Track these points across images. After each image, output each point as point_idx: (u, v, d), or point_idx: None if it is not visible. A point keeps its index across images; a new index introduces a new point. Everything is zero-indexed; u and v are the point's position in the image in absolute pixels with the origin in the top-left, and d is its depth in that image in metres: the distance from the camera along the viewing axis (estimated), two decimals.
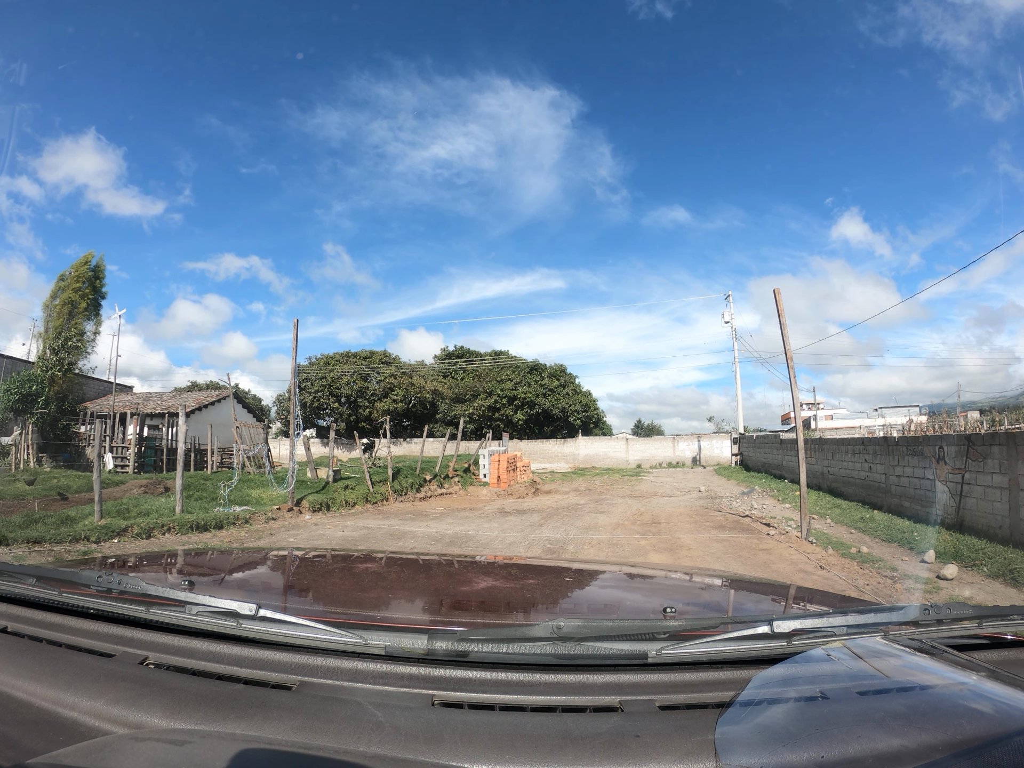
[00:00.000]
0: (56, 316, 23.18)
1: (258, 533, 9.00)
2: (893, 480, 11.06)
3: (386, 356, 38.17)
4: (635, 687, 0.87)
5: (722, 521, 10.39)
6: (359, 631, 0.93)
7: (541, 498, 16.03)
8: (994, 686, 0.80)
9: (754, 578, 3.20)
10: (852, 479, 13.09)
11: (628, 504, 13.73)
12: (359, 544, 8.13)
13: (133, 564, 1.92)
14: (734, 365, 34.16)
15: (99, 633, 1.05)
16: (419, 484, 16.38)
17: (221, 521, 9.31)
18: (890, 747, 0.65)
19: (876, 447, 11.99)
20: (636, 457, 33.42)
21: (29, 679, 0.89)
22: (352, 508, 12.65)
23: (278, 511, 10.82)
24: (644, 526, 9.89)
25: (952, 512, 8.88)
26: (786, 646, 0.91)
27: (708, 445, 33.16)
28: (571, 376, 37.31)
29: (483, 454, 20.15)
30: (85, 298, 23.44)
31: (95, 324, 24.29)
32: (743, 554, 7.15)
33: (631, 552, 7.42)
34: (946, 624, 0.97)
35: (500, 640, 0.90)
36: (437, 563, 2.18)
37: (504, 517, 11.54)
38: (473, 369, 37.79)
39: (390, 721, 0.76)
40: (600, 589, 1.80)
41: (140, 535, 8.19)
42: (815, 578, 6.15)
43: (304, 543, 8.17)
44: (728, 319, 34.76)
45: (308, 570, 1.96)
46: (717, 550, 7.44)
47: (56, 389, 22.20)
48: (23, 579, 1.17)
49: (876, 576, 6.55)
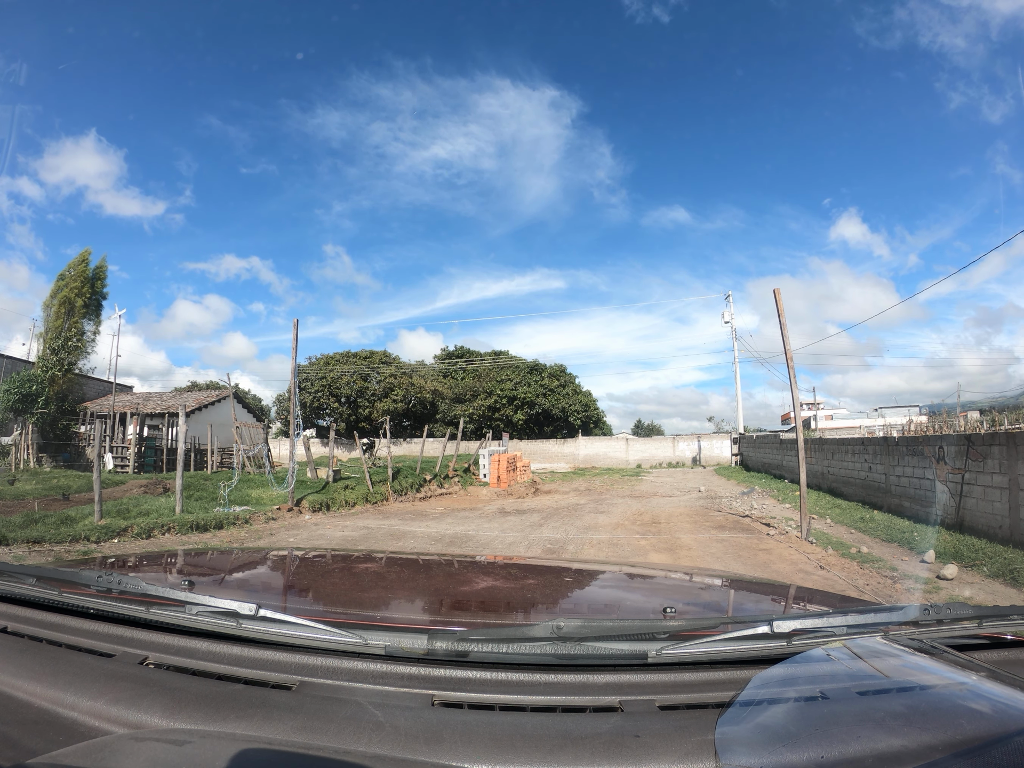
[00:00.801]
0: (55, 316, 23.19)
1: (258, 533, 9.00)
2: (893, 480, 11.06)
3: (386, 356, 38.17)
4: (635, 687, 0.87)
5: (722, 521, 10.38)
6: (359, 631, 0.93)
7: (541, 498, 16.03)
8: (994, 686, 0.80)
9: (754, 578, 3.17)
10: (852, 479, 13.08)
11: (628, 504, 13.73)
12: (359, 544, 8.13)
13: (133, 564, 1.92)
14: (734, 365, 34.18)
15: (99, 633, 1.05)
16: (419, 484, 16.38)
17: (221, 521, 9.30)
18: (890, 747, 0.65)
19: (876, 447, 11.99)
20: (636, 457, 33.41)
21: (29, 679, 0.88)
22: (352, 508, 12.65)
23: (278, 511, 10.82)
24: (644, 526, 9.88)
25: (952, 512, 8.87)
26: (786, 646, 0.91)
27: (708, 445, 33.15)
28: (571, 376, 37.33)
29: (483, 454, 20.15)
30: (83, 297, 23.42)
31: (95, 324, 24.31)
32: (743, 554, 7.15)
33: (631, 552, 7.42)
34: (946, 624, 0.97)
35: (500, 640, 0.90)
36: (437, 563, 2.18)
37: (504, 517, 11.54)
38: (473, 369, 37.79)
39: (390, 721, 0.76)
40: (600, 589, 1.80)
41: (140, 535, 8.18)
42: (815, 578, 6.15)
43: (304, 543, 8.17)
44: (728, 319, 34.75)
45: (308, 570, 1.97)
46: (717, 550, 7.44)
47: (56, 389, 22.21)
48: (23, 579, 1.17)
49: (876, 576, 6.54)
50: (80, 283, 23.73)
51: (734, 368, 34.18)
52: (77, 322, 23.61)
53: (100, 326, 24.34)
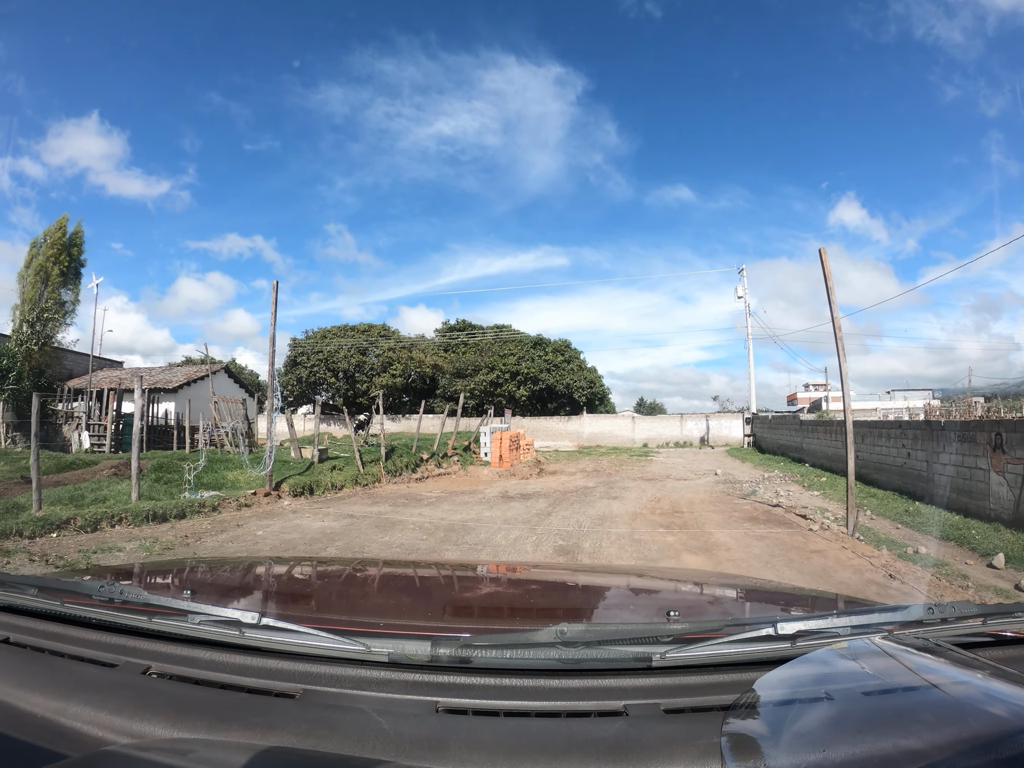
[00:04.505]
0: (31, 286, 21.79)
1: (223, 524, 7.82)
2: (937, 468, 9.89)
3: (385, 330, 36.85)
4: (639, 691, 0.86)
5: (751, 511, 9.22)
6: (362, 638, 0.92)
7: (546, 480, 14.95)
8: (1000, 684, 0.78)
9: (757, 580, 3.07)
10: (886, 465, 11.90)
11: (642, 489, 12.60)
12: (338, 538, 7.00)
13: (135, 573, 1.89)
14: (747, 341, 32.74)
15: (102, 643, 1.04)
16: (415, 464, 15.26)
17: (184, 510, 8.14)
18: (897, 747, 0.65)
19: (916, 431, 10.82)
20: (642, 436, 32.33)
21: (32, 689, 0.88)
22: (339, 491, 11.51)
23: (253, 496, 9.65)
24: (665, 516, 8.72)
25: (1009, 507, 7.80)
26: (790, 648, 0.90)
27: (717, 425, 32.00)
28: (576, 351, 35.80)
29: (484, 431, 18.97)
30: (60, 265, 22.00)
31: (74, 293, 22.93)
32: (793, 557, 5.96)
33: (658, 552, 6.24)
34: (950, 623, 0.97)
35: (504, 646, 0.90)
36: (440, 569, 2.19)
37: (507, 503, 10.41)
38: (475, 343, 36.35)
39: (394, 728, 0.77)
40: (603, 593, 1.77)
41: (84, 528, 7.04)
42: (892, 592, 4.99)
43: (273, 537, 7.02)
44: (741, 294, 33.25)
45: (311, 577, 1.94)
46: (760, 550, 6.26)
47: (33, 364, 20.94)
48: (25, 589, 1.16)
49: (948, 586, 5.46)
50: (57, 250, 22.29)
51: (747, 344, 32.78)
52: (54, 292, 22.26)
53: (79, 295, 22.96)
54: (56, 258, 22.08)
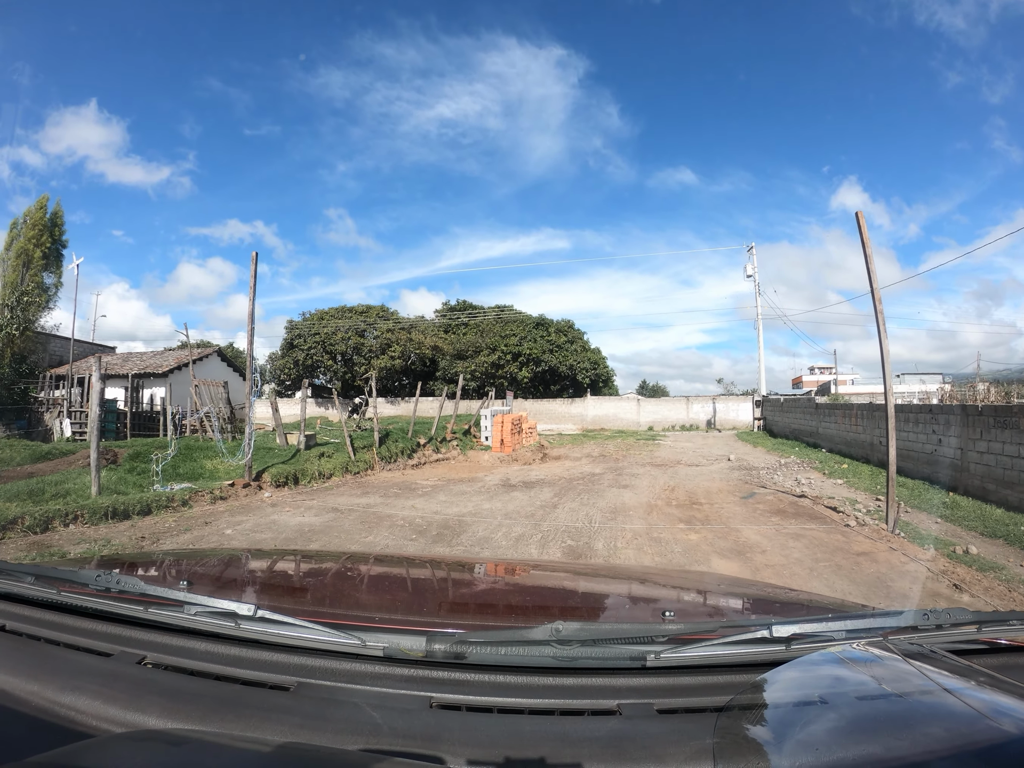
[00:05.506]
0: (11, 269, 20.81)
1: (190, 521, 7.02)
2: (973, 457, 9.03)
3: (383, 311, 35.84)
4: (633, 690, 0.86)
5: (775, 503, 8.39)
6: (357, 632, 0.92)
7: (550, 465, 14.14)
8: (993, 692, 0.78)
9: (752, 582, 3.00)
10: (913, 453, 11.02)
11: (653, 476, 11.78)
12: (317, 537, 6.21)
13: (132, 563, 1.84)
14: (757, 321, 31.64)
15: (97, 632, 1.04)
16: (411, 449, 14.46)
17: (150, 505, 7.35)
18: (888, 752, 0.64)
19: (949, 416, 9.92)
20: (647, 419, 31.48)
21: (27, 678, 0.87)
22: (328, 481, 10.72)
23: (231, 488, 8.85)
24: (683, 509, 7.90)
25: None
26: (785, 651, 0.90)
27: (724, 408, 31.10)
28: (579, 332, 34.68)
29: (485, 414, 18.09)
30: (42, 247, 20.99)
31: (56, 276, 21.94)
32: (840, 562, 5.13)
33: (682, 554, 5.41)
34: (945, 629, 0.96)
35: (499, 643, 0.90)
36: (436, 565, 2.18)
37: (508, 493, 9.61)
38: (476, 324, 35.27)
39: (388, 723, 0.77)
40: (599, 593, 1.76)
41: (33, 528, 6.25)
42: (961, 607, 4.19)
43: (242, 537, 6.22)
44: (751, 272, 32.06)
45: (307, 571, 1.91)
46: (800, 553, 5.43)
47: (14, 350, 20.09)
48: (22, 577, 1.15)
49: (1012, 594, 4.69)
50: (38, 232, 21.23)
51: (757, 324, 31.67)
52: (36, 275, 21.27)
53: (61, 277, 21.99)
54: (38, 239, 21.04)
